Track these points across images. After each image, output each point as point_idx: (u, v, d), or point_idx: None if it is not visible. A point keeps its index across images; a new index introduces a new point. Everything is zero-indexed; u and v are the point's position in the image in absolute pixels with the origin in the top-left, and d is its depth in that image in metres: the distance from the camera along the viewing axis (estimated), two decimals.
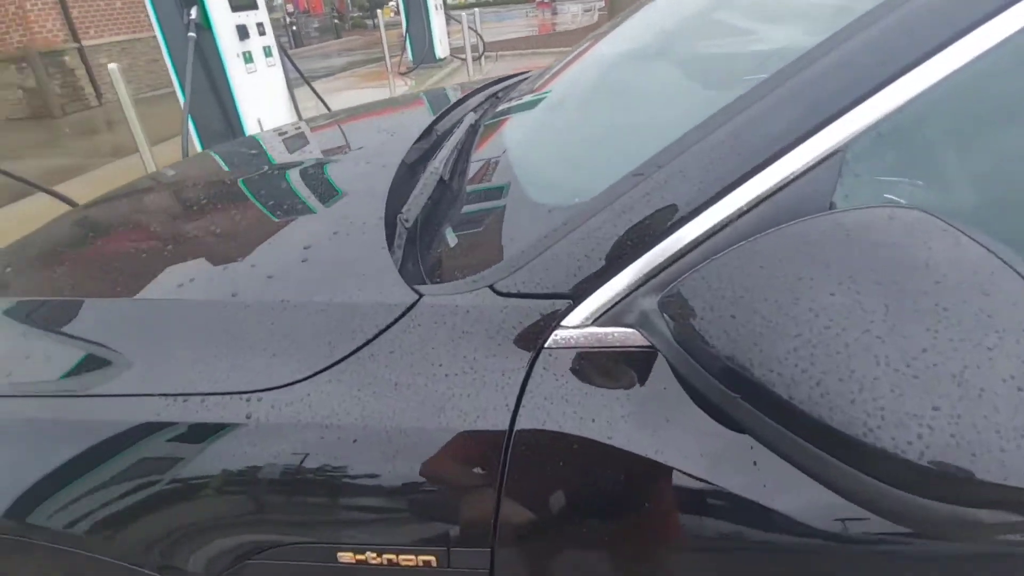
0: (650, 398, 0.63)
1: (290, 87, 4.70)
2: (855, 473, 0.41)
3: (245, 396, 0.70)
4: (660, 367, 0.63)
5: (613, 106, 1.07)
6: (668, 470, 0.61)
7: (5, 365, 0.82)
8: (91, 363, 0.79)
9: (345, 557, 0.70)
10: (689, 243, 0.62)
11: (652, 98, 1.02)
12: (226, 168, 1.42)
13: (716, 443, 0.60)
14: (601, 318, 0.65)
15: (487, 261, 0.74)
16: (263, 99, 4.35)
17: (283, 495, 0.68)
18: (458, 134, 1.22)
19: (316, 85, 5.52)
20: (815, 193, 0.60)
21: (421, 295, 0.72)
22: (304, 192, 1.06)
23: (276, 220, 0.99)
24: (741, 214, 0.61)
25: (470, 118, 1.34)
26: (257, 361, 0.73)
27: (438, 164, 1.04)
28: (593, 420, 0.63)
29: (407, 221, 0.91)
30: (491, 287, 0.69)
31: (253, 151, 1.51)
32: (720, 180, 0.61)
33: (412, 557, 0.67)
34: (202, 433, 0.70)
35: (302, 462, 0.67)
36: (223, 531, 0.71)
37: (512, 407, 0.64)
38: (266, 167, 1.32)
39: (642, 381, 0.63)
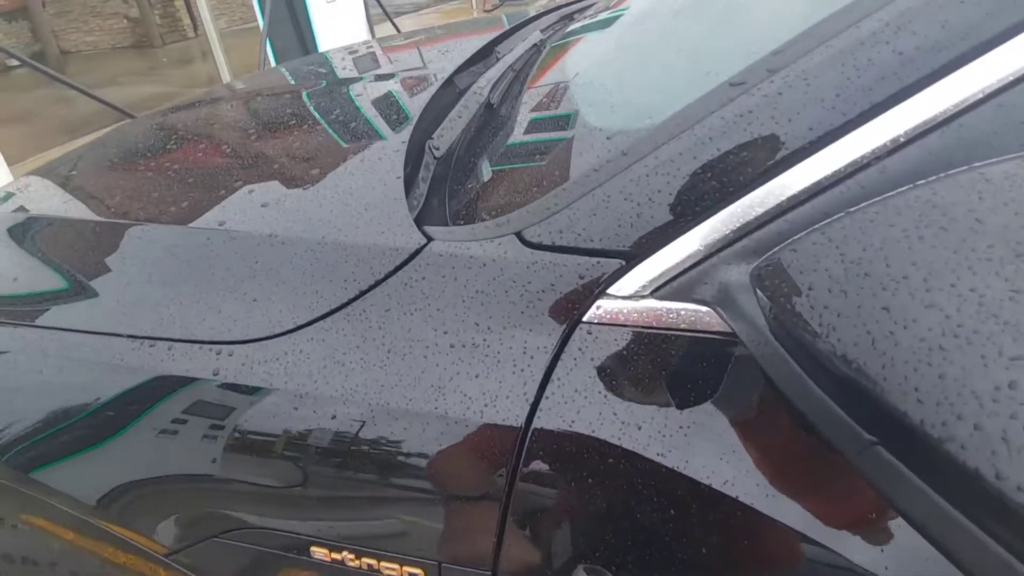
0: (726, 407, 0.44)
1: (370, 22, 4.56)
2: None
3: (215, 348, 0.58)
4: (744, 364, 0.44)
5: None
6: (742, 508, 0.43)
7: None
8: (63, 291, 0.69)
9: (319, 553, 0.58)
10: (804, 190, 0.42)
11: None
12: (246, 87, 1.30)
13: (816, 479, 0.42)
14: (663, 288, 0.47)
15: (519, 201, 0.57)
16: (342, 31, 4.23)
17: (249, 471, 0.56)
18: (516, 53, 1.03)
19: (400, 22, 5.35)
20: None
21: (430, 239, 0.55)
22: (326, 111, 0.91)
23: (288, 139, 0.85)
24: (890, 151, 0.40)
25: (535, 37, 1.14)
26: (234, 306, 0.60)
27: (483, 85, 0.86)
28: (639, 427, 0.45)
29: (437, 149, 0.74)
30: (518, 235, 0.52)
31: (297, 71, 1.38)
32: (866, 96, 0.40)
33: (396, 567, 0.54)
34: (166, 385, 0.58)
35: (271, 435, 0.54)
36: (184, 500, 0.60)
37: (532, 397, 0.48)
38: (295, 85, 1.18)
39: (716, 381, 0.45)
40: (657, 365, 0.46)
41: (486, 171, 0.71)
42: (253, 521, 0.58)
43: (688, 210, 0.46)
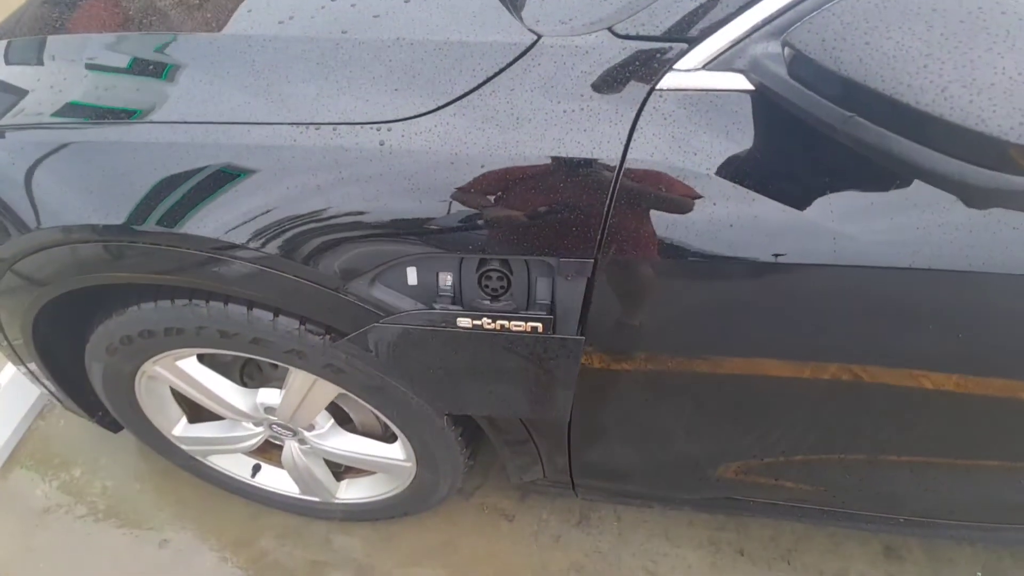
0: (749, 135, 0.72)
1: None
2: (958, 162, 0.53)
3: (375, 126, 0.77)
4: (759, 110, 0.71)
5: None
6: (754, 201, 0.72)
7: (134, 96, 0.86)
8: (216, 96, 0.84)
9: (463, 322, 0.84)
10: None
11: None
12: None
13: (794, 178, 0.71)
14: (711, 62, 0.72)
15: (600, 3, 0.77)
16: None
17: (414, 211, 0.78)
18: None
19: None
20: None
21: (539, 35, 0.76)
22: None
23: None
24: None
25: None
26: (380, 96, 0.79)
27: None
28: (695, 154, 0.73)
29: None
30: (610, 29, 0.74)
31: None
32: None
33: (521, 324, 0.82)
34: (338, 157, 0.78)
35: (435, 184, 0.76)
36: (356, 241, 0.82)
37: (624, 141, 0.73)
38: None
39: (743, 124, 0.72)
40: (707, 113, 0.72)
41: None
42: (413, 251, 0.82)
43: (730, 7, 0.69)
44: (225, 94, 0.83)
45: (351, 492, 1.46)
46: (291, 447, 1.33)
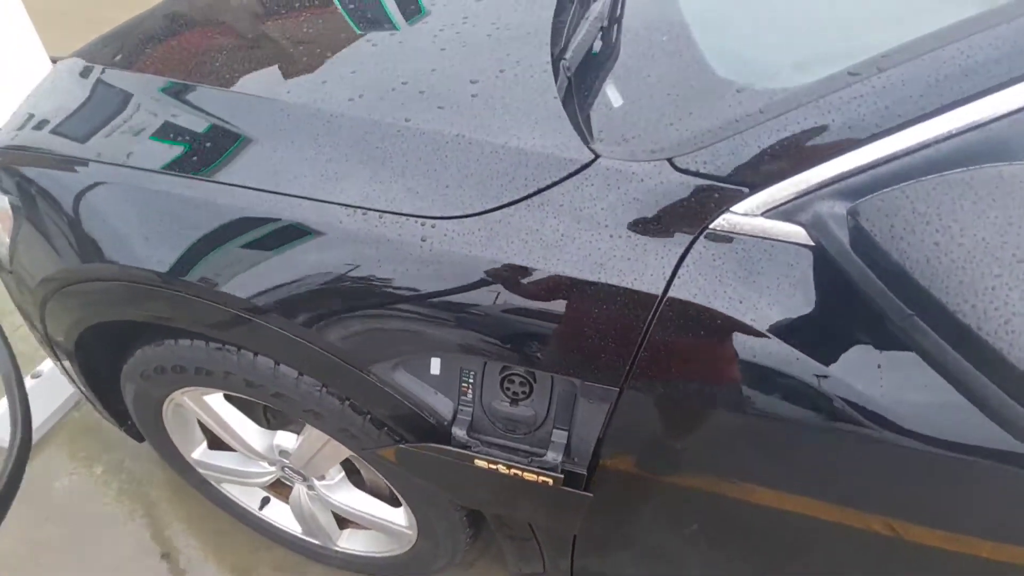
0: (801, 291, 0.68)
1: None
2: (1014, 403, 0.47)
3: (420, 220, 0.77)
4: (815, 269, 0.67)
5: None
6: (797, 360, 0.68)
7: (202, 152, 0.89)
8: (276, 164, 0.86)
9: (479, 463, 0.83)
10: (886, 156, 0.63)
11: None
12: None
13: (840, 342, 0.67)
14: (772, 211, 0.68)
15: (662, 132, 0.75)
16: None
17: (444, 309, 0.77)
18: None
19: None
20: None
21: (598, 155, 0.74)
22: (460, 16, 1.03)
23: (433, 43, 0.98)
24: (949, 137, 0.61)
25: None
26: (431, 190, 0.78)
27: (601, 6, 1.00)
28: (741, 302, 0.69)
29: (569, 69, 0.90)
30: (670, 161, 0.71)
31: None
32: (941, 98, 0.60)
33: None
34: (380, 246, 0.78)
35: (468, 290, 0.75)
36: (382, 326, 0.82)
37: (668, 275, 0.70)
38: None
39: (796, 278, 0.68)
40: (758, 262, 0.69)
41: (614, 95, 0.88)
42: (440, 350, 0.81)
43: (803, 159, 0.66)
44: (285, 165, 0.85)
45: (352, 543, 1.44)
46: (300, 490, 1.33)
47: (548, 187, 0.75)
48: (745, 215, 0.69)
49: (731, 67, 0.80)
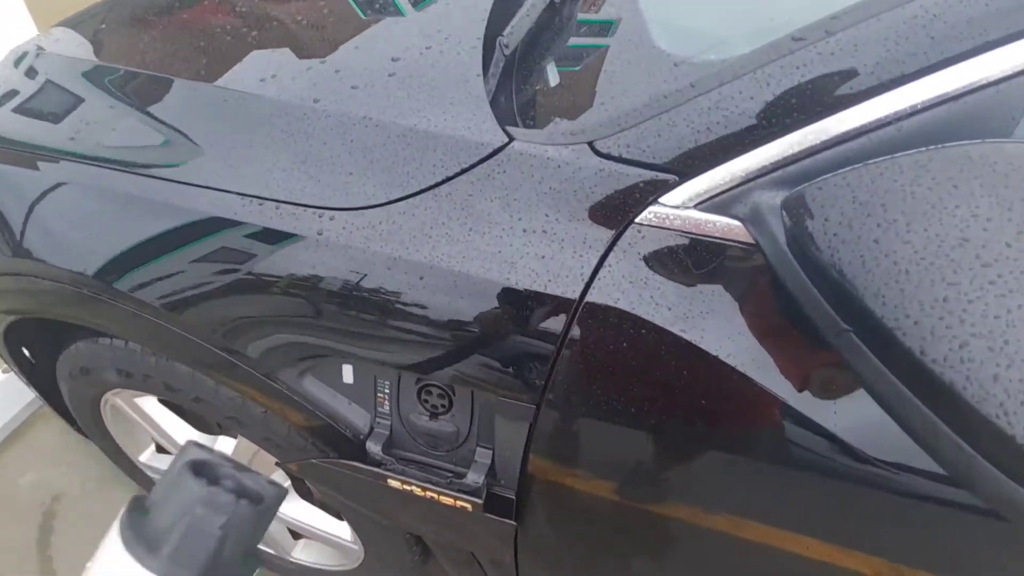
0: (741, 300, 0.57)
1: None
2: (970, 453, 0.37)
3: (318, 212, 0.69)
4: (758, 271, 0.57)
5: None
6: (737, 377, 0.57)
7: (96, 132, 0.83)
8: (174, 147, 0.78)
9: (393, 483, 0.74)
10: (836, 137, 0.52)
11: None
12: None
13: (801, 365, 0.56)
14: (706, 203, 0.58)
15: (586, 112, 0.66)
16: None
17: (344, 313, 0.69)
18: None
19: None
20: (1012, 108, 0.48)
21: (512, 138, 0.65)
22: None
23: (364, 18, 0.90)
24: (912, 113, 0.50)
25: None
26: (333, 177, 0.70)
27: None
28: (669, 309, 0.59)
29: (507, 47, 0.81)
30: (590, 144, 0.62)
31: None
32: (903, 66, 0.49)
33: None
34: (274, 238, 0.70)
35: (363, 286, 0.67)
36: (280, 328, 0.73)
37: (587, 277, 0.61)
38: None
39: (735, 281, 0.58)
40: (691, 262, 0.59)
41: (552, 75, 0.79)
42: (337, 348, 0.72)
43: (737, 142, 0.56)
44: (188, 150, 0.77)
45: (307, 554, 1.37)
46: None
47: (456, 175, 0.66)
48: (675, 207, 0.59)
49: (675, 39, 0.70)
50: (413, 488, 0.76)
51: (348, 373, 0.78)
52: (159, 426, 1.13)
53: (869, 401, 0.46)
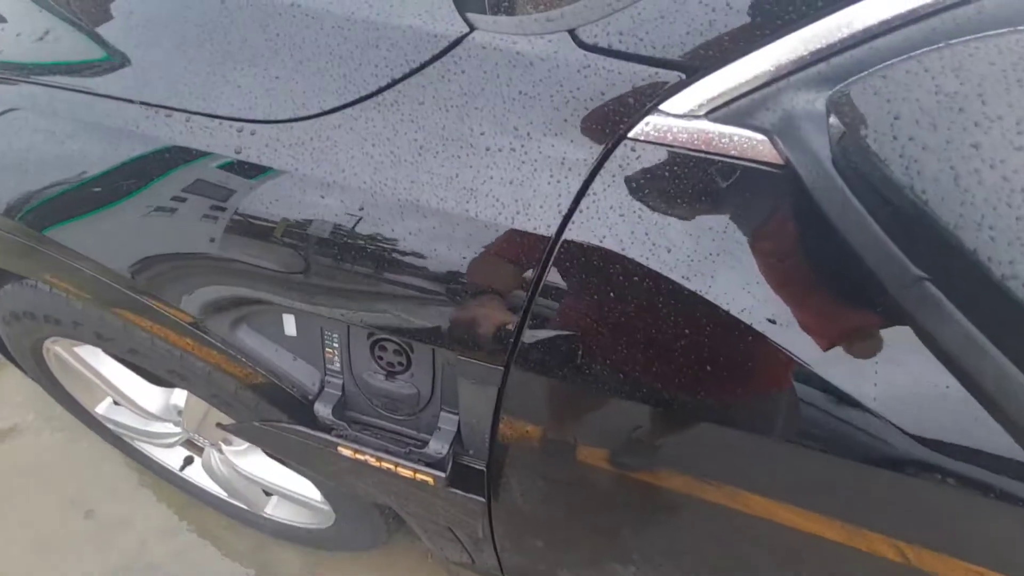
0: (762, 240, 0.44)
1: None
2: None
3: (237, 125, 0.55)
4: (788, 201, 0.44)
5: None
6: (751, 336, 0.45)
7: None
8: (71, 48, 0.64)
9: (344, 452, 0.62)
10: (895, 17, 0.38)
11: None
12: None
13: (838, 322, 0.43)
14: (720, 110, 0.44)
15: None
16: None
17: (275, 252, 0.56)
18: None
19: None
20: None
21: (472, 27, 0.51)
22: None
23: None
24: None
25: None
26: (254, 81, 0.56)
27: None
28: (669, 250, 0.46)
29: None
30: (572, 32, 0.47)
31: None
32: None
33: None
34: (184, 157, 0.56)
35: (290, 219, 0.54)
36: (197, 270, 0.61)
37: (565, 209, 0.47)
38: None
39: (755, 215, 0.45)
40: (698, 190, 0.45)
41: None
42: (264, 298, 0.60)
43: (766, 24, 0.41)
44: (81, 48, 0.63)
45: (280, 511, 1.29)
46: (211, 453, 1.17)
47: (403, 77, 0.52)
48: (680, 116, 0.45)
49: None
50: (368, 458, 0.65)
51: (290, 323, 0.66)
52: (105, 377, 1.03)
53: (920, 368, 0.34)
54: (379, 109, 0.52)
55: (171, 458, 1.33)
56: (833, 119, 0.36)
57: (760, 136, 0.43)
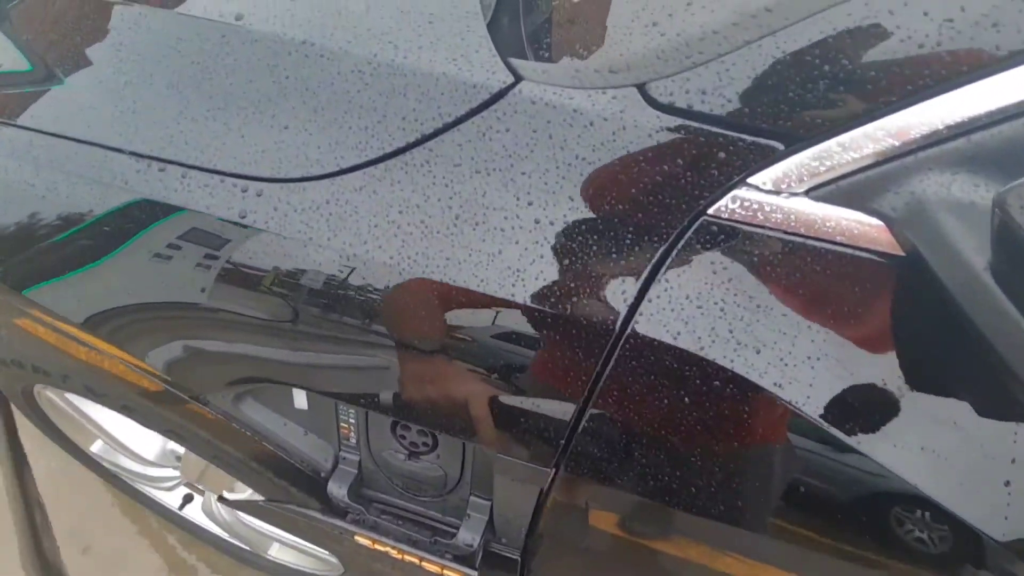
0: (874, 338, 0.37)
1: None
2: None
3: (241, 184, 0.48)
4: (912, 300, 0.36)
5: None
6: (855, 458, 0.37)
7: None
8: (45, 85, 0.57)
9: (362, 540, 0.55)
10: None
11: None
12: None
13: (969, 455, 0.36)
14: (824, 188, 0.36)
15: (633, 39, 0.43)
16: None
17: (275, 329, 0.49)
18: None
19: None
20: None
21: (519, 78, 0.43)
22: None
23: None
24: None
25: None
26: (260, 131, 0.48)
27: None
28: (758, 351, 0.38)
29: None
30: (640, 88, 0.39)
31: None
32: None
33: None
34: (182, 222, 0.49)
35: (305, 293, 0.46)
36: (199, 347, 0.54)
37: (631, 298, 0.40)
38: None
39: (866, 309, 0.37)
40: (794, 281, 0.38)
41: None
42: (262, 376, 0.53)
43: (892, 88, 0.34)
44: (75, 93, 0.55)
45: (284, 554, 1.22)
46: (211, 497, 1.10)
47: (436, 133, 0.44)
48: (774, 192, 0.37)
49: None
50: (388, 549, 0.58)
51: (300, 396, 0.58)
52: (98, 423, 0.96)
53: None
54: (407, 170, 0.44)
55: (170, 498, 1.26)
56: (1001, 215, 0.28)
57: (874, 221, 0.35)
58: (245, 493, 1.01)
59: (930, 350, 0.37)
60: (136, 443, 1.00)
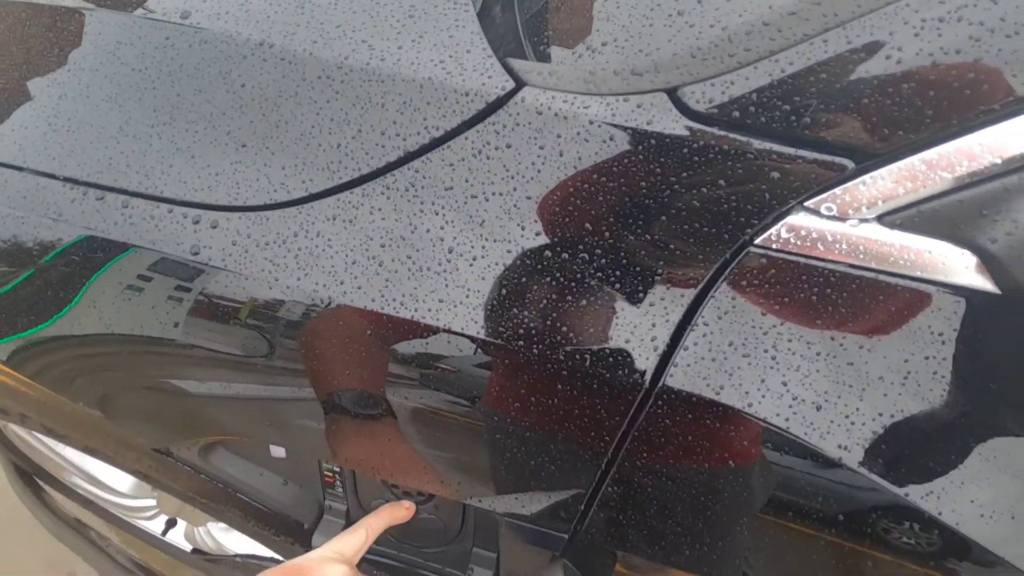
0: (958, 394, 0.30)
1: None
2: None
3: (192, 213, 0.40)
4: (993, 344, 0.30)
5: None
6: (939, 529, 0.31)
7: None
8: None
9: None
10: None
11: None
12: None
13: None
14: (899, 212, 0.30)
15: (660, 35, 0.36)
16: None
17: (238, 382, 0.42)
18: None
19: None
20: None
21: (521, 83, 0.36)
22: None
23: None
24: None
25: None
26: (213, 150, 0.41)
27: None
28: (819, 408, 0.32)
29: None
30: (671, 94, 0.32)
31: None
32: None
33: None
34: (115, 252, 0.42)
35: (270, 344, 0.39)
36: (155, 399, 0.47)
37: (662, 345, 0.33)
38: None
39: (950, 356, 0.31)
40: (864, 324, 0.31)
41: None
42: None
43: (991, 92, 0.27)
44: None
45: None
46: (194, 527, 1.04)
47: (422, 150, 0.37)
48: (839, 218, 0.31)
49: None
50: None
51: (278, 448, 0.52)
52: (66, 457, 0.89)
53: None
54: (388, 195, 0.37)
55: (152, 525, 1.20)
56: None
57: (964, 253, 0.29)
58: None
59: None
60: (108, 476, 0.93)
